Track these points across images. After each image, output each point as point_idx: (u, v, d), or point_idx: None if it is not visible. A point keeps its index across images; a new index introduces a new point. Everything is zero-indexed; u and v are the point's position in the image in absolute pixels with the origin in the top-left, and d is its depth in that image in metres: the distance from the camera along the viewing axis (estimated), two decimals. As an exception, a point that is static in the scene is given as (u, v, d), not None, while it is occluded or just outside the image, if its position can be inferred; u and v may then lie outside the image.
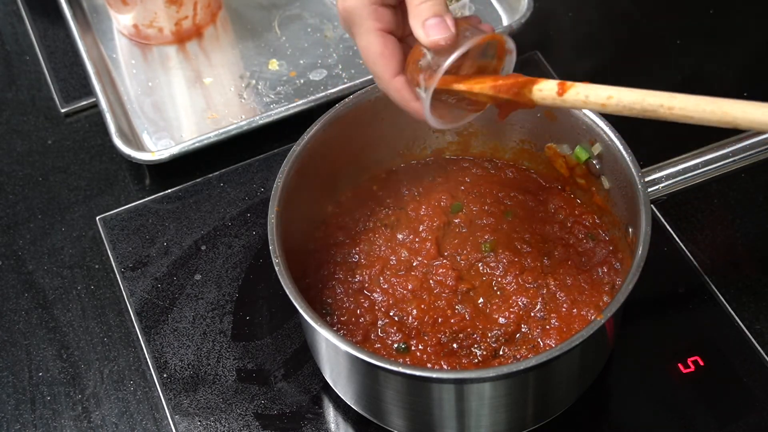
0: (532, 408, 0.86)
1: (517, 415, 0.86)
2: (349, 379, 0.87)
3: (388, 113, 0.95)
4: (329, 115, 0.92)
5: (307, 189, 0.91)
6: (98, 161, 1.13)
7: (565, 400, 0.89)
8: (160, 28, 1.19)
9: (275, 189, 0.87)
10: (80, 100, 1.18)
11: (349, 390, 0.89)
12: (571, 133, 0.93)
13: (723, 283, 0.98)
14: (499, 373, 0.78)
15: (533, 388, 0.83)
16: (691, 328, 0.96)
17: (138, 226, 1.06)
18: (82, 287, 1.03)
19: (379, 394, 0.84)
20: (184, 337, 0.98)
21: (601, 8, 1.24)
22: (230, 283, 1.01)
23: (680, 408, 0.91)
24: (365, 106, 0.94)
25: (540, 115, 0.94)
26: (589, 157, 0.92)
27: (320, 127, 0.92)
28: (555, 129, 0.94)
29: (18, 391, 0.96)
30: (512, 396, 0.83)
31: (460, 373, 0.83)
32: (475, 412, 0.83)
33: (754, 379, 0.92)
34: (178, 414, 0.93)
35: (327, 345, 0.85)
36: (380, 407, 0.87)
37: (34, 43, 1.24)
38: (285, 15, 1.24)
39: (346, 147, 0.95)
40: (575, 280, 0.91)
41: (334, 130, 0.93)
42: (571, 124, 0.92)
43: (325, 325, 0.80)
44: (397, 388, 0.82)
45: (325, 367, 0.90)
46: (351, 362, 0.83)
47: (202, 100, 1.16)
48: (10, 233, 1.07)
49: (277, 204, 0.86)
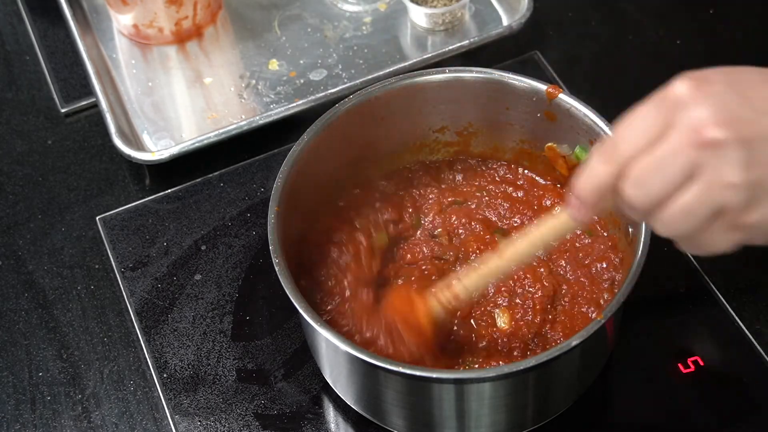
0: (532, 408, 0.86)
1: (517, 415, 0.86)
2: (349, 379, 0.87)
3: (388, 113, 0.95)
4: (329, 115, 0.92)
5: (307, 189, 0.91)
6: (98, 161, 1.13)
7: (565, 400, 0.89)
8: (160, 28, 1.19)
9: (275, 189, 0.87)
10: (80, 100, 1.18)
11: (349, 390, 0.89)
12: (570, 133, 0.93)
13: (723, 283, 0.98)
14: (498, 373, 0.78)
15: (533, 388, 0.83)
16: (691, 328, 0.95)
17: (138, 226, 1.06)
18: (82, 287, 1.03)
19: (379, 394, 0.84)
20: (184, 337, 0.98)
21: (601, 8, 1.24)
22: (230, 283, 1.01)
23: (680, 408, 0.91)
24: (365, 106, 0.94)
25: (540, 116, 0.94)
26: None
27: (321, 126, 0.92)
28: (555, 129, 0.94)
29: (18, 391, 0.96)
30: (512, 396, 0.83)
31: (460, 373, 0.83)
32: (475, 412, 0.83)
33: (754, 379, 0.92)
34: (178, 414, 0.93)
35: (327, 345, 0.85)
36: (380, 407, 0.87)
37: (34, 43, 1.24)
38: (285, 15, 1.24)
39: (346, 147, 0.95)
40: (575, 274, 0.91)
41: (334, 129, 0.92)
42: (571, 124, 0.92)
43: (325, 325, 0.80)
44: (397, 388, 0.82)
45: (325, 367, 0.90)
46: (351, 362, 0.83)
47: (202, 100, 1.16)
48: (10, 233, 1.07)
49: (277, 204, 0.86)
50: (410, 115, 0.97)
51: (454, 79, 0.95)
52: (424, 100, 0.96)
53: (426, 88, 0.95)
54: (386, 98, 0.93)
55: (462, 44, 1.16)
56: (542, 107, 0.93)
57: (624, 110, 0.68)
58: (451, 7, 1.18)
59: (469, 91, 0.96)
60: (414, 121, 0.97)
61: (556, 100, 0.92)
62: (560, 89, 0.92)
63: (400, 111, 0.94)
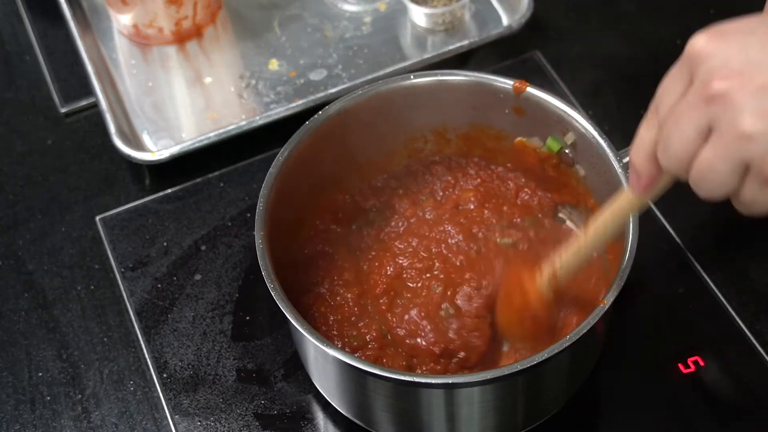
0: (522, 411, 0.86)
1: (508, 419, 0.85)
2: (338, 385, 0.86)
3: (359, 126, 0.94)
4: (307, 127, 0.91)
5: (291, 201, 0.91)
6: (98, 161, 1.13)
7: (556, 402, 0.88)
8: (159, 28, 1.19)
9: (258, 214, 0.86)
10: (80, 100, 1.18)
11: (339, 396, 0.89)
12: (541, 125, 0.93)
13: (723, 283, 0.98)
14: (487, 378, 0.78)
15: (522, 391, 0.83)
16: (691, 328, 0.96)
17: (138, 226, 1.06)
18: (82, 287, 1.03)
19: (367, 400, 0.84)
20: (184, 337, 0.98)
21: (601, 8, 1.24)
22: (230, 283, 1.01)
23: (680, 408, 0.91)
24: (334, 121, 0.93)
25: (508, 111, 0.94)
26: (561, 147, 0.92)
27: (302, 135, 0.91)
28: (524, 123, 0.94)
29: (18, 391, 0.96)
30: (502, 400, 0.82)
31: (448, 378, 0.83)
32: (465, 416, 0.82)
33: (754, 379, 0.92)
34: (178, 414, 0.93)
35: (315, 351, 0.85)
36: (370, 413, 0.86)
37: (34, 43, 1.24)
38: (285, 15, 1.24)
39: (317, 166, 0.94)
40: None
41: (311, 143, 0.92)
42: (541, 116, 0.92)
43: (311, 330, 0.79)
44: (386, 394, 0.82)
45: (314, 373, 0.90)
46: (339, 368, 0.83)
47: (202, 100, 1.16)
48: (10, 233, 1.07)
49: (262, 229, 0.85)
50: (377, 127, 0.96)
51: (414, 85, 0.94)
52: (390, 110, 0.95)
53: (392, 97, 0.95)
54: (361, 107, 0.93)
55: (462, 44, 1.16)
56: (510, 103, 0.93)
57: (624, 110, 0.69)
58: (451, 7, 1.18)
59: (435, 94, 0.95)
60: (381, 133, 0.97)
61: (524, 95, 0.92)
62: (527, 83, 0.91)
63: (374, 121, 0.94)
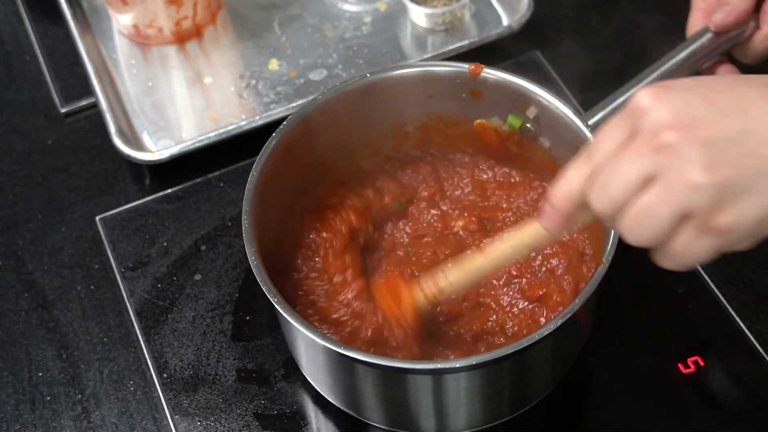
0: (508, 396, 0.87)
1: (495, 404, 0.86)
2: (326, 373, 0.87)
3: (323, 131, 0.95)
4: (272, 141, 0.92)
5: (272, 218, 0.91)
6: (98, 161, 1.13)
7: (544, 387, 0.89)
8: (160, 28, 1.19)
9: (245, 231, 0.85)
10: (80, 100, 1.18)
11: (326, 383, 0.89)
12: (499, 104, 0.93)
13: (723, 283, 0.98)
14: (473, 363, 0.79)
15: (508, 377, 0.84)
16: (691, 328, 0.96)
17: (138, 226, 1.06)
18: (82, 287, 1.03)
19: (355, 387, 0.85)
20: (184, 337, 0.98)
21: (601, 8, 1.24)
22: (230, 283, 1.01)
23: (680, 408, 0.91)
24: (300, 130, 0.93)
25: (465, 95, 0.94)
26: (523, 122, 0.92)
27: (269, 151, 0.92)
28: (482, 105, 0.94)
29: (18, 391, 0.96)
30: (488, 385, 0.83)
31: (435, 363, 0.83)
32: (452, 402, 0.83)
33: (754, 379, 0.92)
34: (178, 414, 0.93)
35: (304, 339, 0.85)
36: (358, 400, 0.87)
37: (34, 43, 1.24)
38: (285, 15, 1.24)
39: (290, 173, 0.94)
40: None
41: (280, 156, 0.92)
42: (500, 96, 0.92)
43: (298, 318, 0.80)
44: (373, 380, 0.83)
45: (303, 363, 0.91)
46: (327, 355, 0.84)
47: (202, 100, 1.16)
48: (10, 233, 1.07)
49: (252, 245, 0.85)
50: (339, 130, 0.97)
51: (371, 83, 0.95)
52: (350, 111, 0.96)
53: (351, 97, 0.95)
54: (336, 101, 0.94)
55: (462, 44, 1.16)
56: (467, 87, 0.93)
57: (624, 110, 0.69)
58: (451, 7, 1.18)
59: (390, 89, 0.95)
60: (344, 136, 0.97)
61: (480, 77, 0.92)
62: (482, 66, 0.92)
63: (331, 128, 0.95)
